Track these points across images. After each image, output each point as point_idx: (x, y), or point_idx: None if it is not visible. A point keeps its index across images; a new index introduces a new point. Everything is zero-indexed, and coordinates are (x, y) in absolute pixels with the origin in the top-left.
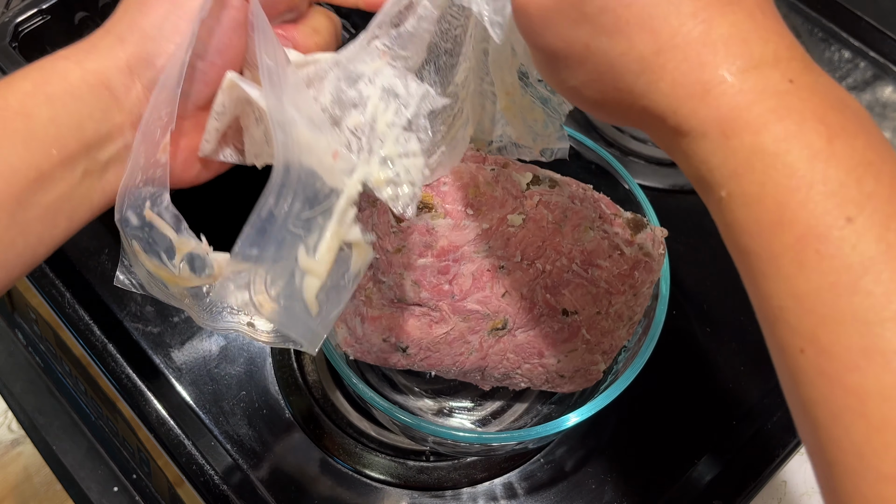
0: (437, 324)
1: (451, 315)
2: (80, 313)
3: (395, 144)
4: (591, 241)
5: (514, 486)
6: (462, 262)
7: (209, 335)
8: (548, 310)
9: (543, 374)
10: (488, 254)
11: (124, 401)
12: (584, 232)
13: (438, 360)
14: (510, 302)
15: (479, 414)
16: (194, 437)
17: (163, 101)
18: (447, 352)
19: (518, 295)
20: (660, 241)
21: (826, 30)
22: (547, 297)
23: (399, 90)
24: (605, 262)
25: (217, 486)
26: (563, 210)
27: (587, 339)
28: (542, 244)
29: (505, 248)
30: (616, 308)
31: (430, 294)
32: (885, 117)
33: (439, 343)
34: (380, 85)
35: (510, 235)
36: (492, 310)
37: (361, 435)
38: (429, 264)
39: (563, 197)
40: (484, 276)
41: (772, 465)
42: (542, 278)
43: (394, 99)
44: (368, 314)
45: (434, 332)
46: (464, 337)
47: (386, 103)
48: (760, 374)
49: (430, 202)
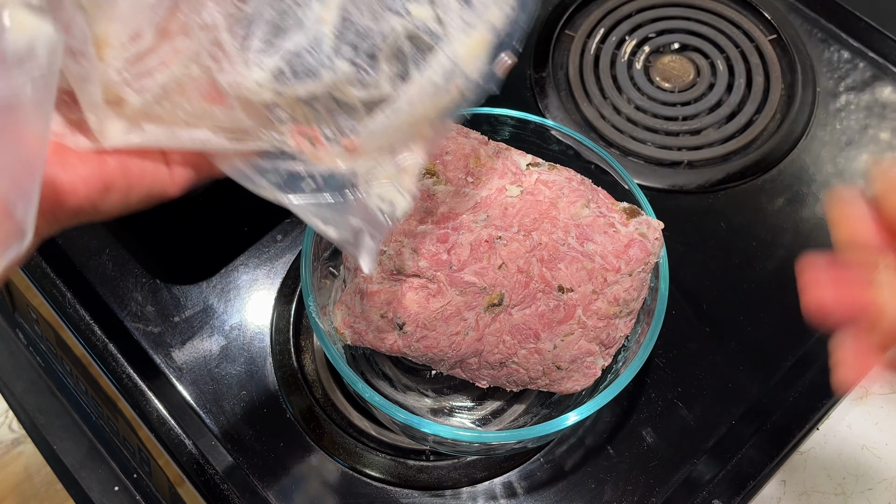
0: (434, 297)
1: (448, 287)
2: (80, 313)
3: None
4: (587, 217)
5: (513, 485)
6: (461, 231)
7: (210, 335)
8: (543, 285)
9: (540, 363)
10: (486, 223)
11: (125, 400)
12: (580, 208)
13: (435, 341)
14: (506, 275)
15: (479, 413)
16: (195, 437)
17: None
18: (444, 330)
19: (514, 267)
20: (655, 228)
21: (825, 30)
22: (543, 271)
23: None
24: (599, 238)
25: (217, 485)
26: (560, 187)
27: (583, 321)
28: (539, 216)
29: (502, 219)
30: (612, 290)
31: (429, 263)
32: (884, 117)
33: (436, 320)
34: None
35: (508, 205)
36: (488, 283)
37: (361, 434)
38: (428, 231)
39: (560, 177)
40: (481, 247)
41: (771, 465)
42: (538, 250)
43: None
44: (368, 289)
45: (431, 305)
46: (460, 313)
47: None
48: (760, 374)
49: (432, 169)
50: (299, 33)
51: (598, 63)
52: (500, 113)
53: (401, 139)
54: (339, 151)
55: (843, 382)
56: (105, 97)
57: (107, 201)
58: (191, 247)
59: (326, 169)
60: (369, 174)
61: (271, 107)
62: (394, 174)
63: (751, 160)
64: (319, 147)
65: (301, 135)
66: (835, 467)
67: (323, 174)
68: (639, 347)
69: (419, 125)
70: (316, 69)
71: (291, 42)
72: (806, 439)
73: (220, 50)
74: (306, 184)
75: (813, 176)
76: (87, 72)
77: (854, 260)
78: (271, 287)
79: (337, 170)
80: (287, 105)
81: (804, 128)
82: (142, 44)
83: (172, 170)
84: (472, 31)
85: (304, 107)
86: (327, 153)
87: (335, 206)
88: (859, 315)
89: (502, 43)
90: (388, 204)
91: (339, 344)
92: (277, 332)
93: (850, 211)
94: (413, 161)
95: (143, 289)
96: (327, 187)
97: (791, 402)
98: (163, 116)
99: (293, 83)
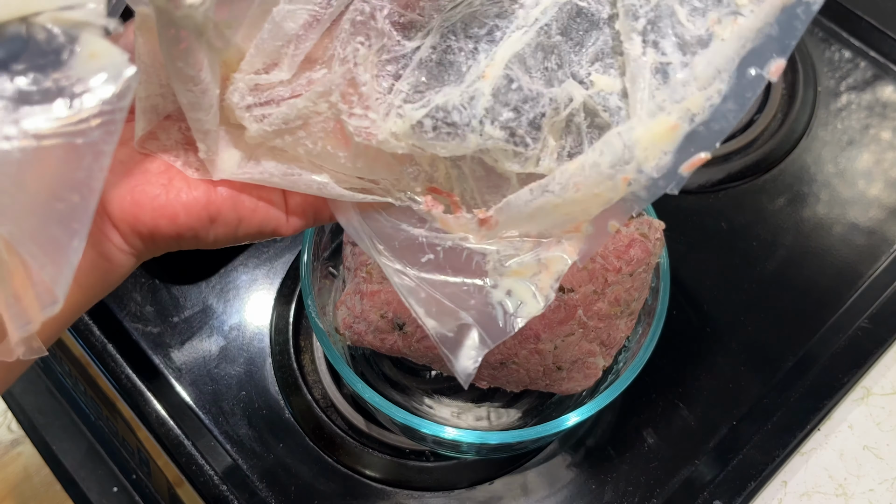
0: None
1: None
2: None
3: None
4: None
5: (513, 486)
6: None
7: (209, 335)
8: None
9: (540, 363)
10: None
11: (124, 401)
12: None
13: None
14: None
15: (479, 413)
16: (194, 438)
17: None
18: None
19: None
20: (656, 228)
21: (826, 30)
22: None
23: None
24: None
25: (217, 486)
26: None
27: (584, 321)
28: None
29: None
30: (613, 290)
31: None
32: (885, 117)
33: None
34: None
35: None
36: None
37: (361, 435)
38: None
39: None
40: None
41: (772, 465)
42: None
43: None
44: (367, 290)
45: None
46: None
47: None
48: (760, 374)
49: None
50: (455, 87)
51: None
52: None
53: (548, 227)
54: (473, 224)
55: None
56: (226, 119)
57: (211, 232)
58: None
59: (452, 241)
60: (502, 262)
61: (406, 161)
62: (532, 269)
63: (751, 160)
64: (454, 211)
65: (435, 196)
66: (836, 468)
67: (445, 247)
68: (639, 348)
69: (574, 215)
70: (462, 130)
71: (442, 95)
72: (807, 440)
73: (354, 89)
74: (423, 254)
75: (814, 176)
76: (198, 99)
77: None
78: (271, 287)
79: (465, 244)
80: (426, 161)
81: (805, 127)
82: (277, 75)
83: (289, 209)
84: (661, 115)
85: (448, 165)
86: (459, 222)
87: (445, 290)
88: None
89: (698, 135)
90: (514, 303)
91: (339, 344)
92: (277, 333)
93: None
94: (558, 257)
95: (142, 289)
96: (446, 264)
97: (792, 402)
98: (284, 153)
99: (433, 141)
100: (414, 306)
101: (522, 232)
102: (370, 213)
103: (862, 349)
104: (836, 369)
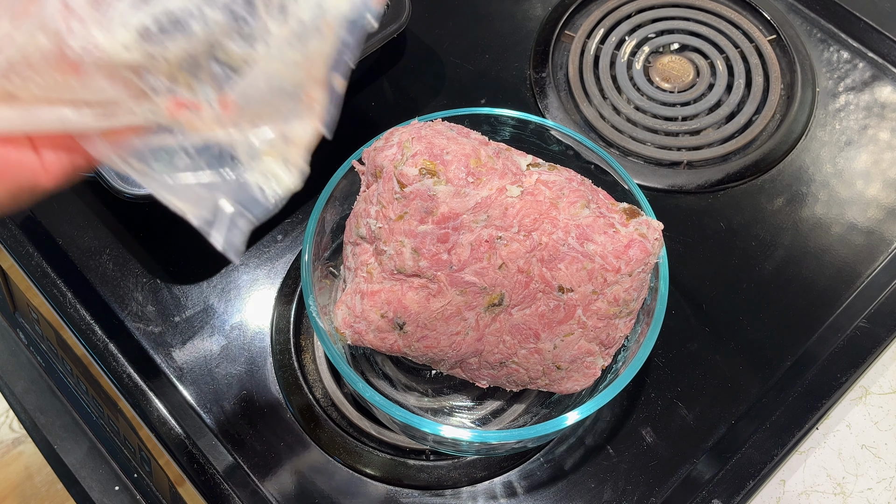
0: (434, 297)
1: (448, 287)
2: (81, 313)
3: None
4: (587, 217)
5: (513, 485)
6: (461, 231)
7: (210, 335)
8: (543, 285)
9: (540, 362)
10: (486, 223)
11: (125, 400)
12: (580, 209)
13: (435, 341)
14: (506, 275)
15: (479, 413)
16: (195, 437)
17: None
18: (444, 330)
19: (515, 267)
20: (655, 229)
21: (825, 30)
22: (543, 271)
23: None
24: (599, 238)
25: (218, 485)
26: (560, 188)
27: (583, 321)
28: (539, 216)
29: (503, 219)
30: (612, 290)
31: (429, 263)
32: (883, 118)
33: (436, 320)
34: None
35: (508, 206)
36: (488, 282)
37: (362, 434)
38: (429, 231)
39: (560, 177)
40: (482, 247)
41: (770, 464)
42: (538, 251)
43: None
44: (368, 289)
45: (431, 305)
46: (460, 313)
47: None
48: (760, 374)
49: (432, 169)
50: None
51: (597, 63)
52: (500, 113)
53: (284, 102)
54: (216, 115)
55: None
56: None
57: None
58: (191, 247)
59: (201, 139)
60: (252, 147)
61: (142, 73)
62: (280, 146)
63: (750, 160)
64: (198, 113)
65: (180, 106)
66: (834, 467)
67: (197, 146)
68: (638, 347)
69: (302, 81)
70: (185, 21)
71: (162, 3)
72: (805, 439)
73: (70, 12)
74: (177, 158)
75: (812, 176)
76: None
77: None
78: (272, 287)
79: (214, 139)
80: (165, 73)
81: (804, 128)
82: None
83: (42, 157)
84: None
85: (186, 74)
86: (204, 119)
87: (203, 181)
88: None
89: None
90: (271, 180)
91: (340, 344)
92: (278, 332)
93: None
94: (302, 130)
95: (144, 289)
96: (201, 161)
97: (790, 401)
98: (17, 96)
99: (162, 40)
100: (170, 199)
101: (264, 112)
102: (123, 141)
103: (860, 349)
104: (834, 369)
